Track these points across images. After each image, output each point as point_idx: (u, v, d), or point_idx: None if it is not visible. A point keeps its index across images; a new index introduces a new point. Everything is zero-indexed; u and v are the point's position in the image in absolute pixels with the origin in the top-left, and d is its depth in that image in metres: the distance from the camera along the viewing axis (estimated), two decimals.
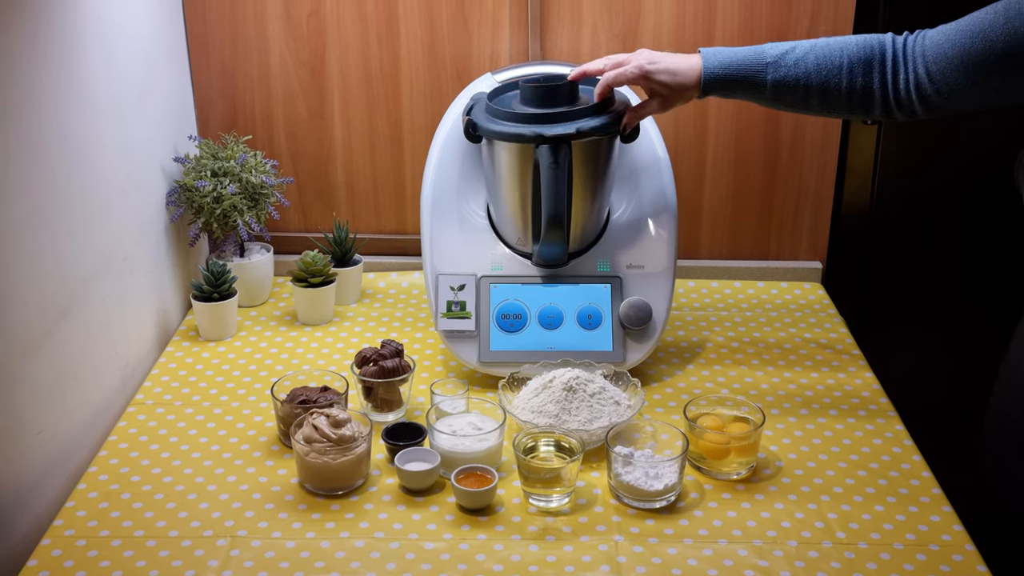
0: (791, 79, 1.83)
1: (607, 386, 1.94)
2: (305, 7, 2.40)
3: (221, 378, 2.14)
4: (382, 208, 2.60)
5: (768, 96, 1.87)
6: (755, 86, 1.86)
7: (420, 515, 1.74)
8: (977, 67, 1.70)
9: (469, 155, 2.16)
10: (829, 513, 1.75)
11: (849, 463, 1.89)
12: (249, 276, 2.39)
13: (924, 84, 1.77)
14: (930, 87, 1.76)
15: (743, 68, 1.86)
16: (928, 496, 1.80)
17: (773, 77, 1.84)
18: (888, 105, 1.82)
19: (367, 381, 1.97)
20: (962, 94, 1.74)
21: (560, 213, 1.98)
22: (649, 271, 2.13)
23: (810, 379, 2.15)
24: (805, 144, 2.50)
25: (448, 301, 2.10)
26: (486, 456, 1.82)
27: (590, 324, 2.09)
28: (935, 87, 1.76)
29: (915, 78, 1.78)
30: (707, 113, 2.47)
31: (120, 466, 1.86)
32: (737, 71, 1.86)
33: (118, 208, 2.06)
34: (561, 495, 1.76)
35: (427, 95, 2.48)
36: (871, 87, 1.81)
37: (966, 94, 1.74)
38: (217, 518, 1.73)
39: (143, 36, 2.19)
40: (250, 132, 2.50)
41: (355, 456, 1.77)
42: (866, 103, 1.83)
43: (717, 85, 1.88)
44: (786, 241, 2.61)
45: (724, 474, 1.84)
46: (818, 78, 1.82)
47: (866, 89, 1.81)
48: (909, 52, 1.79)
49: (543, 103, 2.00)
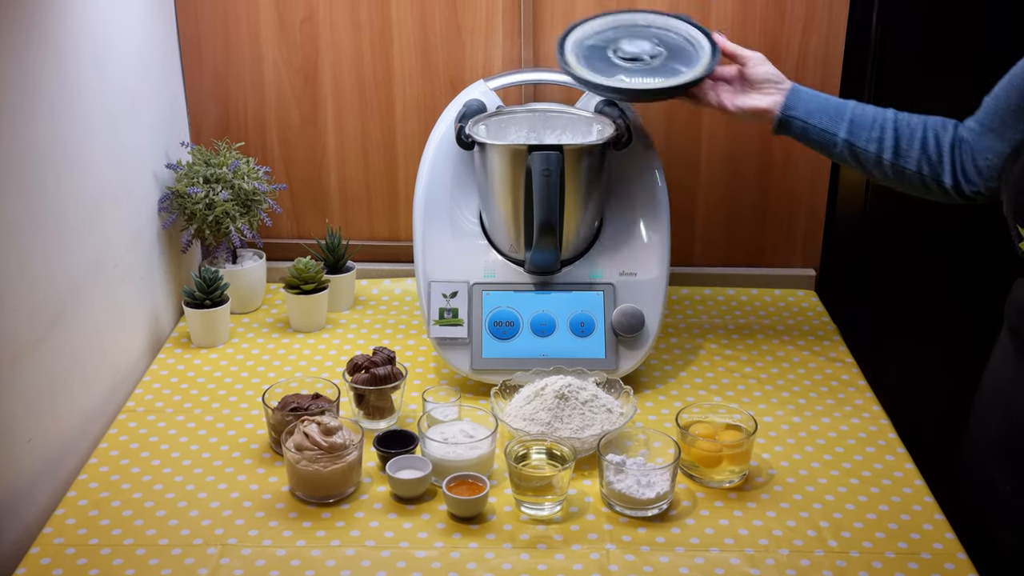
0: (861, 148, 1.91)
1: (599, 394, 1.94)
2: (298, 14, 2.40)
3: (213, 385, 2.14)
4: (375, 215, 2.59)
5: (836, 154, 1.95)
6: (825, 144, 1.95)
7: (411, 523, 1.74)
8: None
9: (462, 162, 2.16)
10: (821, 521, 1.75)
11: (841, 471, 1.88)
12: (241, 283, 2.39)
13: (975, 180, 1.85)
14: (978, 180, 1.84)
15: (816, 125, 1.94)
16: (920, 504, 1.79)
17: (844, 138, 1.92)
18: (947, 190, 1.88)
19: (359, 388, 1.96)
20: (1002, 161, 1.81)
21: (552, 220, 1.98)
22: (642, 278, 2.13)
23: (803, 387, 2.15)
24: (798, 151, 2.49)
25: (440, 308, 2.10)
26: (478, 464, 1.81)
27: (583, 331, 2.09)
28: (983, 178, 1.84)
29: (966, 174, 1.86)
30: (701, 120, 2.47)
31: (110, 473, 1.85)
32: (809, 120, 1.94)
33: (110, 214, 2.05)
34: (553, 503, 1.75)
35: (420, 102, 2.47)
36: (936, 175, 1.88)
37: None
38: (207, 526, 1.72)
39: (136, 42, 2.19)
40: (243, 138, 2.50)
41: (346, 464, 1.77)
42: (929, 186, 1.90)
43: (784, 127, 1.97)
44: (780, 248, 2.61)
45: (716, 482, 1.83)
46: (891, 152, 1.89)
47: (931, 175, 1.88)
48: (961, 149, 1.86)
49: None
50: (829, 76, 2.43)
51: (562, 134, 2.17)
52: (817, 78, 2.42)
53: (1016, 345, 1.84)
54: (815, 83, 2.40)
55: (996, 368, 1.90)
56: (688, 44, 2.06)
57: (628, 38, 2.08)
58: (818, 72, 2.43)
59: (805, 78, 2.40)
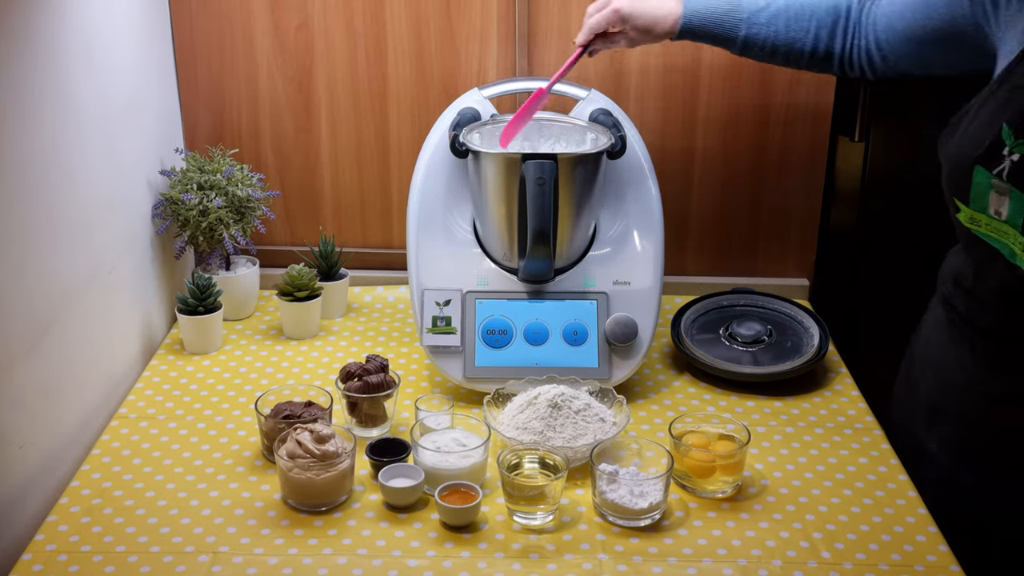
0: (761, 37, 2.00)
1: (592, 403, 1.94)
2: (292, 21, 2.40)
3: (205, 392, 2.13)
4: (368, 222, 2.59)
5: (737, 48, 2.04)
6: (727, 39, 2.03)
7: (403, 532, 1.73)
8: (920, 42, 1.87)
9: (456, 170, 2.16)
10: (814, 532, 1.75)
11: (835, 482, 1.88)
12: (235, 289, 2.38)
13: (874, 53, 1.96)
14: (878, 56, 1.95)
15: (719, 21, 2.00)
16: (914, 516, 1.79)
17: (746, 33, 2.00)
18: (843, 68, 2.01)
19: (352, 396, 1.96)
20: (906, 64, 1.93)
21: (546, 229, 1.98)
22: (635, 287, 2.13)
23: (796, 397, 2.15)
24: (792, 162, 2.50)
25: (433, 316, 2.09)
26: (470, 473, 1.81)
27: (576, 340, 2.09)
28: (882, 55, 1.95)
29: (866, 47, 1.96)
30: (695, 129, 2.47)
31: (103, 480, 1.85)
32: (713, 23, 2.01)
33: (104, 221, 2.05)
34: (545, 512, 1.75)
35: (414, 109, 2.47)
36: (832, 51, 2.00)
37: (910, 64, 1.93)
38: (199, 534, 1.72)
39: (130, 49, 2.18)
40: (237, 145, 2.49)
41: (338, 472, 1.76)
42: (824, 64, 2.02)
43: (691, 34, 2.03)
44: (773, 258, 2.60)
45: (709, 492, 1.83)
46: (786, 38, 1.99)
47: (827, 53, 2.00)
48: (864, 21, 1.95)
49: None
50: (824, 85, 2.43)
51: (556, 143, 2.17)
52: (812, 86, 2.43)
53: (947, 313, 1.90)
54: (810, 91, 2.43)
55: (927, 335, 1.98)
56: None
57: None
58: (813, 80, 2.42)
59: (800, 86, 2.42)
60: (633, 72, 2.42)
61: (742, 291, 2.42)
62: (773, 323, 2.31)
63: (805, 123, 2.47)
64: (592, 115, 2.17)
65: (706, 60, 2.40)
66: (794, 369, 2.17)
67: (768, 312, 2.36)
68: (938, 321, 1.94)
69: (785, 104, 2.45)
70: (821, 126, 2.48)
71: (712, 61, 2.40)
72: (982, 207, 1.71)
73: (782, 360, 2.20)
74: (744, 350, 2.24)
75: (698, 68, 2.41)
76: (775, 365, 2.18)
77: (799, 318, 2.33)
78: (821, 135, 2.48)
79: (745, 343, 2.25)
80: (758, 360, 2.21)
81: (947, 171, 1.78)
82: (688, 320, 2.33)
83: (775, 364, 2.19)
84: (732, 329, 2.28)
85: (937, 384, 1.93)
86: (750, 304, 2.39)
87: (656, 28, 2.01)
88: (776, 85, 2.43)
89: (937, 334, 1.94)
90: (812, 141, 2.49)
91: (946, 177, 1.79)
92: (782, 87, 2.43)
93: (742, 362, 2.20)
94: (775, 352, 2.23)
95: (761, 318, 2.32)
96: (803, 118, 2.46)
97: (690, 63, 2.40)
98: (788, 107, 2.45)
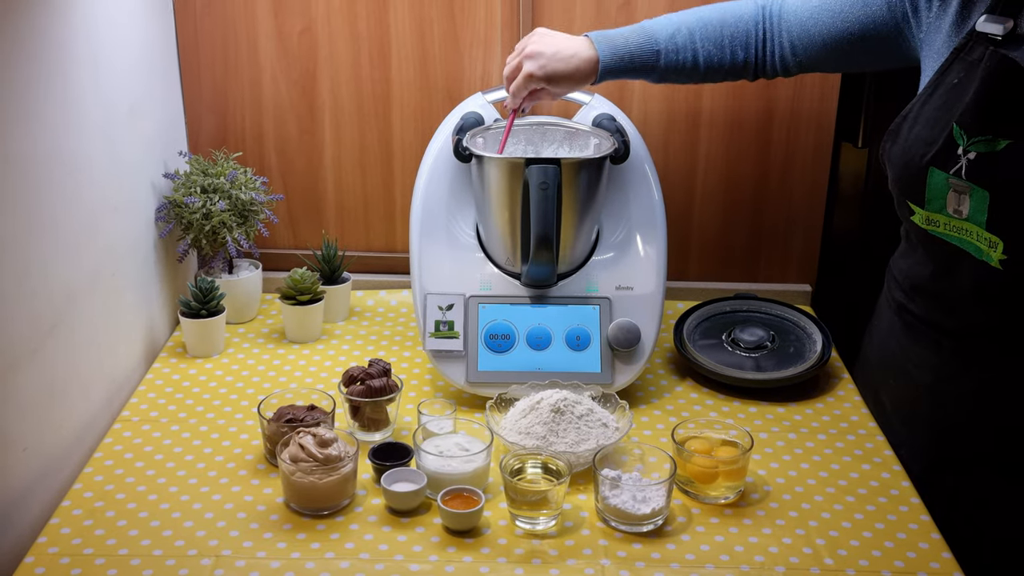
0: (679, 62, 1.99)
1: (595, 408, 1.94)
2: (296, 25, 2.40)
3: (208, 395, 2.13)
4: (371, 226, 2.59)
5: (655, 78, 2.04)
6: (646, 71, 2.02)
7: (406, 536, 1.73)
8: (836, 45, 1.90)
9: (459, 174, 2.16)
10: (818, 539, 1.74)
11: (838, 488, 1.88)
12: (237, 293, 2.38)
13: (788, 57, 1.99)
14: (792, 60, 1.99)
15: (636, 56, 1.99)
16: (917, 523, 1.79)
17: (664, 62, 1.99)
18: (757, 73, 2.03)
19: (354, 400, 1.95)
20: (822, 65, 1.99)
21: (549, 234, 1.98)
22: (638, 292, 2.12)
23: (798, 403, 2.14)
24: (795, 167, 2.50)
25: (436, 320, 2.09)
26: (473, 477, 1.80)
27: (578, 345, 2.08)
28: (797, 59, 1.98)
29: (780, 52, 1.98)
30: (698, 134, 2.47)
31: (105, 483, 1.84)
32: (631, 60, 1.99)
33: (108, 224, 2.05)
34: (548, 518, 1.75)
35: (417, 114, 2.47)
36: (748, 61, 2.01)
37: (825, 65, 1.99)
38: (201, 537, 1.72)
39: (134, 52, 2.18)
40: (240, 149, 2.49)
41: (341, 476, 1.76)
42: (740, 74, 2.04)
43: (611, 74, 2.01)
44: (775, 263, 2.60)
45: (712, 498, 1.83)
46: (703, 57, 1.99)
47: (743, 63, 2.02)
48: (776, 26, 1.96)
49: None
50: (828, 91, 2.43)
51: (559, 148, 2.17)
52: (816, 92, 2.43)
53: (902, 318, 1.94)
54: (814, 97, 2.43)
55: (882, 340, 2.03)
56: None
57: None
58: (817, 86, 2.43)
59: (804, 92, 2.42)
60: None
61: (745, 296, 2.42)
62: (776, 329, 2.31)
63: (808, 128, 2.47)
64: (596, 120, 2.17)
65: None
66: (797, 375, 2.17)
67: (771, 318, 2.36)
68: (893, 327, 1.97)
69: (789, 109, 2.45)
70: (825, 132, 2.47)
71: None
72: (939, 207, 1.73)
73: (785, 366, 2.20)
74: (747, 356, 2.23)
75: None
76: (778, 371, 2.18)
77: (802, 324, 2.33)
78: (824, 140, 2.48)
79: (748, 349, 2.24)
80: (761, 366, 2.20)
81: (896, 175, 1.81)
82: (691, 325, 2.33)
83: (778, 370, 2.19)
84: (735, 335, 2.28)
85: (902, 390, 2.00)
86: (753, 310, 2.39)
87: (575, 79, 1.99)
88: (780, 90, 2.43)
89: (893, 339, 1.98)
90: (815, 146, 2.48)
91: (895, 181, 1.82)
92: (786, 92, 2.43)
93: (745, 368, 2.20)
94: (778, 358, 2.23)
95: (764, 324, 2.32)
96: (806, 123, 2.46)
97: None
98: (792, 112, 2.45)
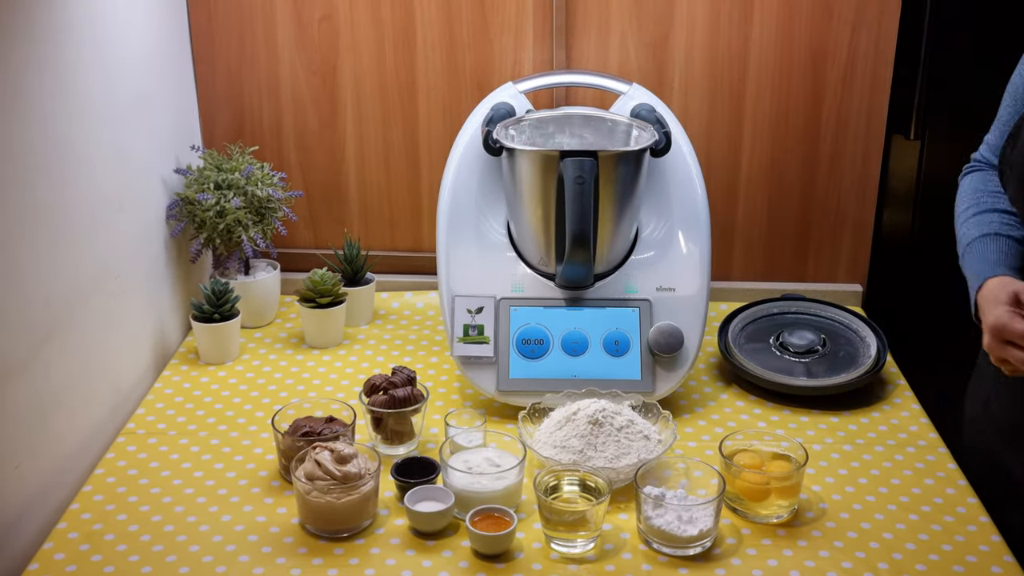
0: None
1: (636, 419, 1.88)
2: (316, 11, 2.37)
3: (220, 405, 2.08)
4: (396, 224, 2.56)
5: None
6: None
7: (431, 561, 1.65)
8: None
9: (489, 169, 2.11)
10: (879, 563, 1.65)
11: (899, 505, 1.79)
12: (254, 295, 2.34)
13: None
14: None
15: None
16: (987, 544, 1.70)
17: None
18: None
19: (376, 411, 1.90)
20: None
21: (586, 231, 1.93)
22: (681, 294, 2.07)
23: (853, 411, 2.07)
24: (844, 162, 2.45)
25: (465, 325, 2.05)
26: (504, 496, 1.74)
27: (617, 351, 2.03)
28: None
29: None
30: (742, 125, 2.42)
31: (105, 503, 1.78)
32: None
33: (113, 222, 2.01)
34: (586, 540, 1.67)
35: (445, 105, 2.44)
36: None
37: None
38: (209, 563, 1.64)
39: (143, 39, 2.15)
40: (257, 143, 2.48)
41: (361, 495, 1.69)
42: None
43: None
44: (824, 262, 2.56)
45: (763, 517, 1.75)
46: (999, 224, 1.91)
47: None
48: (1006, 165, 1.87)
49: None
50: (879, 81, 2.37)
51: (596, 140, 2.11)
52: (867, 81, 2.37)
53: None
54: (864, 86, 2.38)
55: (1013, 400, 1.88)
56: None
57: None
58: (868, 74, 2.37)
59: (854, 80, 2.37)
60: (677, 64, 2.37)
61: (792, 297, 2.35)
62: (826, 332, 2.24)
63: (859, 120, 2.42)
64: (634, 110, 2.14)
65: (754, 52, 2.35)
66: (851, 381, 2.09)
67: (821, 320, 2.28)
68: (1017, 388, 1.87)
69: (838, 100, 2.40)
70: (876, 123, 2.43)
71: (760, 52, 2.36)
72: None
73: (837, 372, 2.12)
74: (796, 361, 2.16)
75: (746, 59, 2.36)
76: (830, 377, 2.11)
77: (854, 326, 2.25)
78: (876, 133, 2.44)
79: (797, 353, 2.17)
80: (811, 372, 2.13)
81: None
82: (736, 329, 2.26)
83: (830, 376, 2.11)
84: (783, 338, 2.20)
85: (1012, 400, 1.85)
86: (801, 311, 2.31)
87: None
88: (828, 79, 2.38)
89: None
90: (866, 139, 2.44)
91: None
92: (834, 82, 2.38)
93: (794, 374, 2.13)
94: (829, 363, 2.15)
95: (814, 326, 2.25)
96: (856, 115, 2.41)
97: (737, 53, 2.35)
98: (841, 104, 2.40)
